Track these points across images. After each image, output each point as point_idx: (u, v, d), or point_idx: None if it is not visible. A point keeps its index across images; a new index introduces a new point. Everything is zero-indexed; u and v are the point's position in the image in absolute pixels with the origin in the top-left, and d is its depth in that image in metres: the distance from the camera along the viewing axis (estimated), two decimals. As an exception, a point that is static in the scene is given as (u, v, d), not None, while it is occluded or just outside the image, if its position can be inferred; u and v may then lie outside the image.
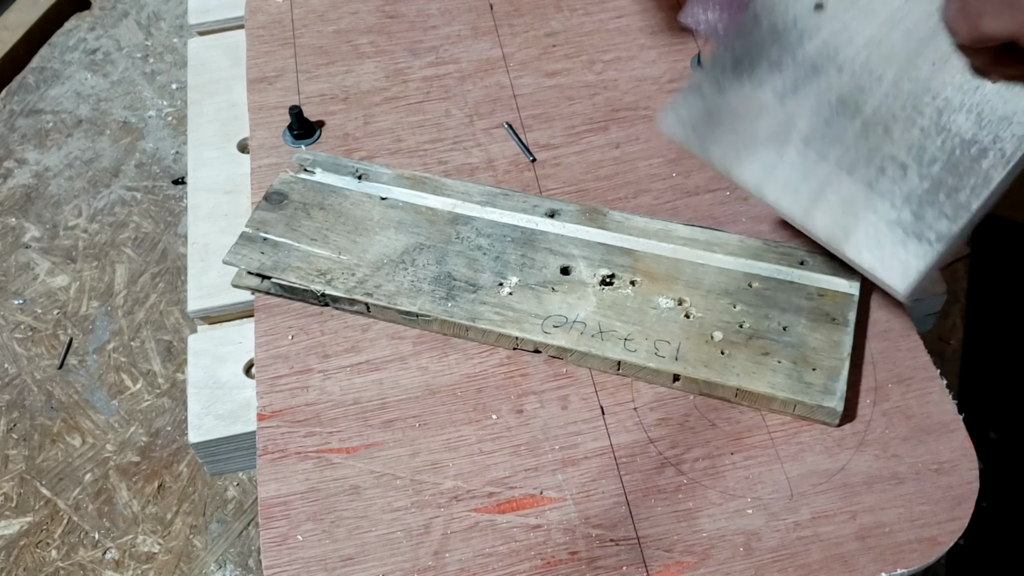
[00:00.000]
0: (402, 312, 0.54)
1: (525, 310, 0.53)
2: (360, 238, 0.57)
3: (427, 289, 0.54)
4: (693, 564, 0.46)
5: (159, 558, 0.70)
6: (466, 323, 0.53)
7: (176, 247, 0.88)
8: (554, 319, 0.53)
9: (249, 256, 0.56)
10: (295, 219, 0.58)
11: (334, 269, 0.55)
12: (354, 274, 0.55)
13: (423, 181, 0.60)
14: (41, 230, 0.90)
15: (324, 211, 0.58)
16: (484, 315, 0.53)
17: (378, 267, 0.56)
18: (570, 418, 0.51)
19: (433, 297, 0.54)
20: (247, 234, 0.57)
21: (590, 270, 0.55)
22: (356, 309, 0.55)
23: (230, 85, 0.70)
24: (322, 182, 0.60)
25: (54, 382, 0.80)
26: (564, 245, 0.56)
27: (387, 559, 0.47)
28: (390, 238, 0.57)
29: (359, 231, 0.57)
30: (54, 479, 0.74)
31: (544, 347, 0.53)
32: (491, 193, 0.59)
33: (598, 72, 0.67)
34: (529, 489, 0.49)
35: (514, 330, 0.53)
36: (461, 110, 0.66)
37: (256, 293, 0.56)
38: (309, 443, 0.51)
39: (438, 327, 0.54)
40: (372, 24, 0.71)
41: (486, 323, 0.53)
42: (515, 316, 0.53)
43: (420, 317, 0.54)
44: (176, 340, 0.82)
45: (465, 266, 0.55)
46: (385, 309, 0.54)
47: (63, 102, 1.01)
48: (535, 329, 0.53)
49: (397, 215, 0.58)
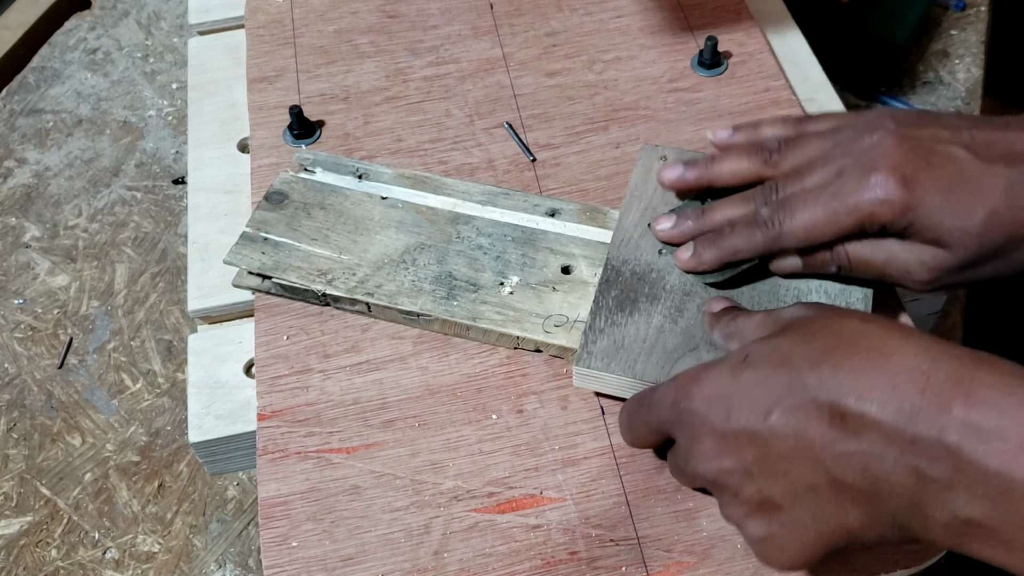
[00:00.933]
0: (403, 312, 0.54)
1: (526, 309, 0.53)
2: (361, 238, 0.57)
3: (428, 289, 0.54)
4: (693, 564, 0.46)
5: (159, 557, 0.70)
6: (467, 323, 0.53)
7: (176, 247, 0.88)
8: (555, 318, 0.53)
9: (250, 256, 0.56)
10: (296, 219, 0.58)
11: (335, 269, 0.55)
12: (355, 274, 0.55)
13: (423, 180, 0.60)
14: (41, 230, 0.90)
15: (325, 211, 0.58)
16: (485, 315, 0.53)
17: (379, 267, 0.55)
18: (570, 418, 0.51)
19: (434, 297, 0.54)
20: (248, 234, 0.57)
21: (591, 269, 0.55)
22: (357, 309, 0.55)
23: (230, 85, 0.70)
24: (323, 182, 0.60)
25: (54, 381, 0.80)
26: (565, 244, 0.56)
27: (387, 559, 0.47)
28: (391, 238, 0.57)
29: (360, 231, 0.57)
30: (54, 479, 0.74)
31: (545, 347, 0.53)
32: (491, 192, 0.59)
33: (598, 72, 0.67)
34: (529, 489, 0.49)
35: (515, 329, 0.52)
36: (461, 110, 0.66)
37: (256, 293, 0.56)
38: (309, 443, 0.51)
39: (439, 327, 0.54)
40: (372, 24, 0.71)
41: (487, 323, 0.53)
42: (516, 315, 0.53)
43: (421, 317, 0.54)
44: (176, 340, 0.82)
45: (466, 265, 0.55)
46: (386, 309, 0.54)
47: (63, 101, 1.01)
48: (536, 328, 0.53)
49: (398, 215, 0.58)
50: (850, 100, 0.96)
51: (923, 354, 0.36)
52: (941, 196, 0.44)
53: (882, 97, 0.96)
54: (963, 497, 0.34)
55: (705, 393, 0.40)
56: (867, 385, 0.36)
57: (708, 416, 0.40)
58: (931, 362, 0.35)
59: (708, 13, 0.70)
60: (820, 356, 0.38)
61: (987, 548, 0.35)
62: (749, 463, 0.39)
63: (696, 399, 0.41)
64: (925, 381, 0.35)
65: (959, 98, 0.94)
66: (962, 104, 0.94)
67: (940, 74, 0.97)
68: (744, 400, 0.39)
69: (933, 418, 0.34)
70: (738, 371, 0.40)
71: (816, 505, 0.38)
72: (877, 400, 0.35)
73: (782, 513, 0.39)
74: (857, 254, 0.47)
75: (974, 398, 0.34)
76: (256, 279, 0.56)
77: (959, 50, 0.98)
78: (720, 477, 0.40)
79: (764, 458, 0.38)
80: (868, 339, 0.37)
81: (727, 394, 0.40)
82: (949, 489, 0.34)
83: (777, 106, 0.64)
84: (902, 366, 0.36)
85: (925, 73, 0.97)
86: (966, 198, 0.43)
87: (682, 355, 0.48)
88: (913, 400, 0.35)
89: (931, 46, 0.99)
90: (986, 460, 0.33)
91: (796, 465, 0.38)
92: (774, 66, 0.66)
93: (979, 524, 0.34)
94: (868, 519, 0.37)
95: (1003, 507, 0.33)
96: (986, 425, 0.33)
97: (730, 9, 0.70)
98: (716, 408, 0.40)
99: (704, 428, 0.40)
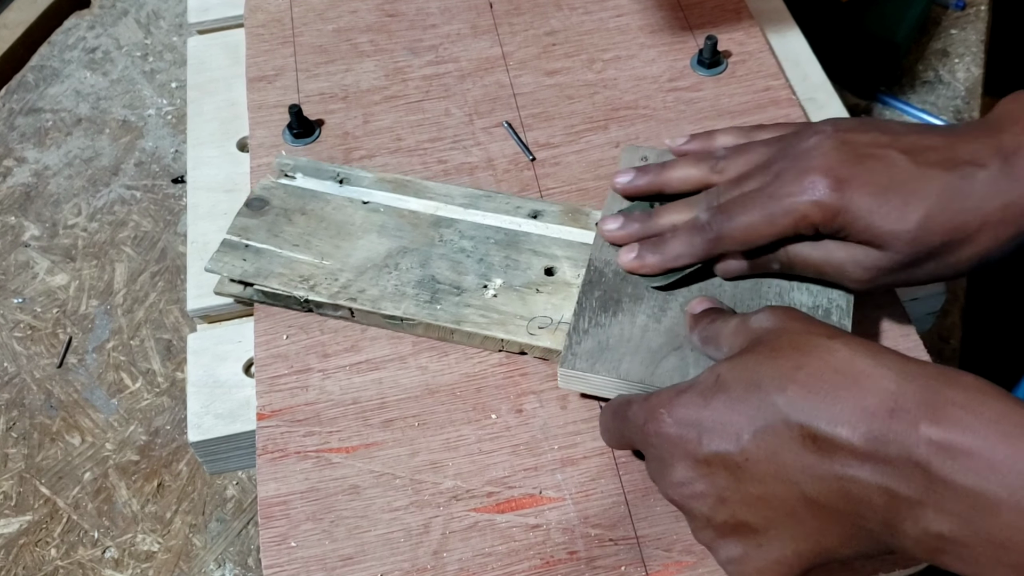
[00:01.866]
0: (386, 316, 0.53)
1: (510, 312, 0.53)
2: (343, 243, 0.56)
3: (411, 293, 0.54)
4: (692, 564, 0.46)
5: (158, 557, 0.70)
6: (451, 326, 0.53)
7: (175, 246, 0.88)
8: (539, 320, 0.53)
9: (231, 263, 0.56)
10: (277, 225, 0.57)
11: (317, 274, 0.55)
12: (337, 279, 0.55)
13: (404, 184, 0.59)
14: (40, 229, 0.90)
15: (306, 216, 0.58)
16: (469, 318, 0.53)
17: (361, 271, 0.55)
18: (569, 418, 0.51)
19: (417, 301, 0.54)
20: (229, 241, 0.56)
21: (574, 270, 0.54)
22: (340, 315, 0.55)
23: (229, 84, 0.70)
24: (303, 187, 0.59)
25: (53, 381, 0.79)
26: (548, 246, 0.56)
27: (386, 559, 0.47)
28: (373, 242, 0.56)
29: (341, 236, 0.57)
30: (53, 478, 0.74)
31: (530, 348, 0.52)
32: (473, 195, 0.59)
33: (598, 71, 0.67)
34: (528, 489, 0.49)
35: (499, 332, 0.52)
36: (461, 109, 0.66)
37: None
38: (308, 442, 0.51)
39: (423, 331, 0.54)
40: (372, 23, 0.71)
41: (471, 326, 0.53)
42: (500, 318, 0.53)
43: (405, 321, 0.53)
44: (175, 339, 0.82)
45: (449, 269, 0.55)
46: (369, 314, 0.54)
47: (62, 100, 1.01)
48: (520, 331, 0.52)
49: (379, 219, 0.58)
50: (849, 99, 0.96)
51: (891, 375, 0.36)
52: (874, 198, 0.44)
53: (881, 96, 0.96)
54: (933, 514, 0.34)
55: (677, 417, 0.40)
56: (837, 409, 0.36)
57: (680, 442, 0.40)
58: (899, 382, 0.36)
59: (708, 12, 0.70)
60: (788, 376, 0.38)
61: (958, 562, 0.35)
62: (722, 488, 0.39)
63: (667, 424, 0.40)
64: (894, 402, 0.35)
65: (959, 97, 0.94)
66: (962, 103, 0.94)
67: (940, 73, 0.97)
68: (716, 425, 0.39)
69: (903, 438, 0.35)
70: (709, 396, 0.39)
71: (793, 526, 0.38)
72: (848, 423, 0.36)
73: (758, 535, 0.39)
74: (797, 253, 0.48)
75: (943, 417, 0.34)
76: (238, 286, 0.56)
77: (959, 49, 0.98)
78: (691, 502, 0.40)
79: (738, 482, 0.38)
80: (836, 359, 0.37)
81: (699, 419, 0.39)
82: (921, 506, 0.35)
83: (777, 105, 0.64)
84: (871, 387, 0.36)
85: (925, 72, 0.97)
86: (900, 201, 0.44)
87: (667, 354, 0.48)
88: (883, 421, 0.35)
89: (931, 45, 0.99)
90: (955, 477, 0.34)
91: (771, 488, 0.38)
92: (774, 65, 0.66)
93: (951, 539, 0.34)
94: (846, 536, 0.37)
95: (973, 523, 0.34)
96: (955, 443, 0.34)
97: (730, 8, 0.70)
98: (688, 433, 0.40)
99: (676, 453, 0.40)
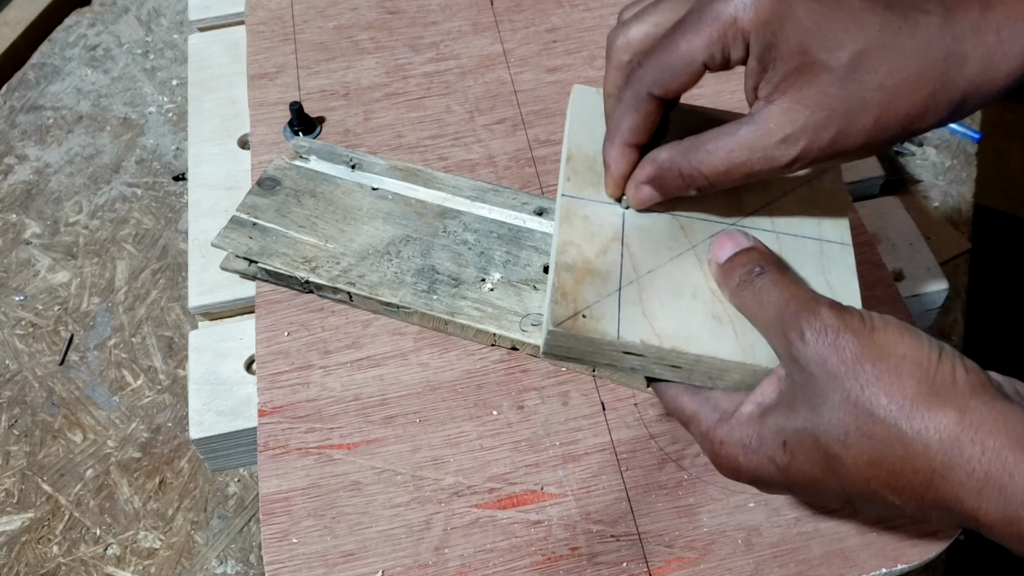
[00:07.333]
0: (383, 303, 0.54)
1: (505, 307, 0.53)
2: (348, 227, 0.57)
3: (410, 281, 0.54)
4: (694, 559, 0.46)
5: (160, 554, 0.70)
6: (445, 317, 0.53)
7: (177, 243, 0.88)
8: (532, 317, 0.53)
9: (237, 240, 0.56)
10: (286, 205, 0.58)
11: (319, 257, 0.55)
12: (339, 263, 0.55)
13: (415, 173, 0.60)
14: (42, 226, 0.90)
15: (315, 199, 0.58)
16: (463, 310, 0.53)
17: (363, 257, 0.55)
18: (571, 414, 0.51)
19: (415, 290, 0.54)
20: (237, 218, 0.57)
21: None
22: (339, 298, 0.55)
23: (230, 81, 0.70)
24: (315, 170, 0.60)
25: (55, 378, 0.80)
26: (549, 244, 0.56)
27: (388, 555, 0.47)
28: (377, 228, 0.57)
29: (347, 220, 0.57)
30: (55, 475, 0.74)
31: (521, 345, 0.53)
32: (482, 188, 0.59)
33: (599, 68, 0.67)
34: (530, 485, 0.49)
35: (492, 327, 0.52)
36: (461, 106, 0.66)
37: (258, 288, 0.56)
38: (310, 439, 0.51)
39: (418, 320, 0.54)
40: (372, 20, 0.71)
41: (465, 318, 0.53)
42: (495, 313, 0.53)
43: (401, 309, 0.53)
44: (177, 336, 0.82)
45: (449, 260, 0.55)
46: (367, 299, 0.54)
47: (63, 98, 1.01)
48: (513, 327, 0.52)
49: (386, 206, 0.58)
50: None
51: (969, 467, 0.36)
52: (813, 17, 0.40)
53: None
54: None
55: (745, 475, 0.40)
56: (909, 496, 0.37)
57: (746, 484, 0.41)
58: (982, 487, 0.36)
59: (709, 9, 0.70)
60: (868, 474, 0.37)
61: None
62: None
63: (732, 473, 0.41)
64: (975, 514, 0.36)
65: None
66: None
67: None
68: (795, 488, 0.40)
69: None
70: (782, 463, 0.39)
71: None
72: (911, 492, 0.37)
73: None
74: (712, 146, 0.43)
75: None
76: (243, 263, 0.56)
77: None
78: None
79: None
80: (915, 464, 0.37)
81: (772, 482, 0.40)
82: None
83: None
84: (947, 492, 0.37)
85: None
86: (838, 30, 0.40)
87: None
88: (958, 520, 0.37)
89: None
90: None
91: None
92: (775, 62, 0.66)
93: None
94: None
95: None
96: None
97: (731, 5, 0.70)
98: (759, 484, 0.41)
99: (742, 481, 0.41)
